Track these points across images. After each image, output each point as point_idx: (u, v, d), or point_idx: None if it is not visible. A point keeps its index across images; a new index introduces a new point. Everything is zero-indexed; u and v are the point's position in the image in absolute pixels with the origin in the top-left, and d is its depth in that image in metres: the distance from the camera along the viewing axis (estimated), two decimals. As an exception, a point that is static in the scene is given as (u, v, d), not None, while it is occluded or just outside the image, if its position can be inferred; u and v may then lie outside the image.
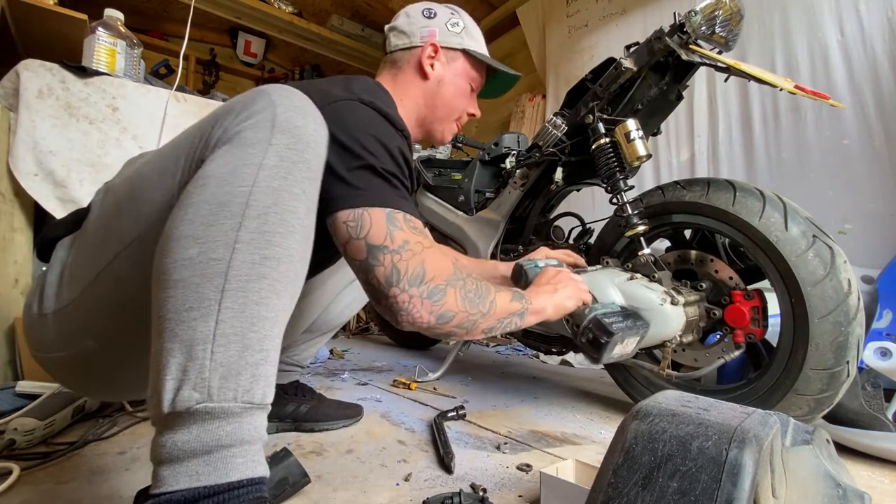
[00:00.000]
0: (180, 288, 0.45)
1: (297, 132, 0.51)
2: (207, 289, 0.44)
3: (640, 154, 1.17)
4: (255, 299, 0.46)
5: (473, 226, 1.67)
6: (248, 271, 0.45)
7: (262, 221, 0.47)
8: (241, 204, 0.46)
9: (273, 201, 0.48)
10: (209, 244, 0.45)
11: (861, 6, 1.69)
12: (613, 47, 2.45)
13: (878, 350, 1.20)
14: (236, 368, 0.44)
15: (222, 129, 0.51)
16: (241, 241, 0.46)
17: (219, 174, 0.48)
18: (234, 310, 0.45)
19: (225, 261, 0.45)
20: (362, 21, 3.67)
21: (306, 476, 0.76)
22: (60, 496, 0.72)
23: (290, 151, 0.50)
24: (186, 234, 0.46)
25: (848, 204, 1.66)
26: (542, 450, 1.01)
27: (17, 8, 1.52)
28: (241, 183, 0.47)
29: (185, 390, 0.43)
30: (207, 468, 0.43)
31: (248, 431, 0.45)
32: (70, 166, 1.40)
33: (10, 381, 1.22)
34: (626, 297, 1.09)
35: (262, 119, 0.50)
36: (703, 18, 1.09)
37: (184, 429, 0.43)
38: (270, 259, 0.47)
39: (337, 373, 1.70)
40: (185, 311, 0.44)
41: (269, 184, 0.48)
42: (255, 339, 0.45)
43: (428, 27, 0.95)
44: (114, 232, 0.58)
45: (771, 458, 0.45)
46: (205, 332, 0.44)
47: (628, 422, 0.49)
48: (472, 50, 0.97)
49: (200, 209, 0.46)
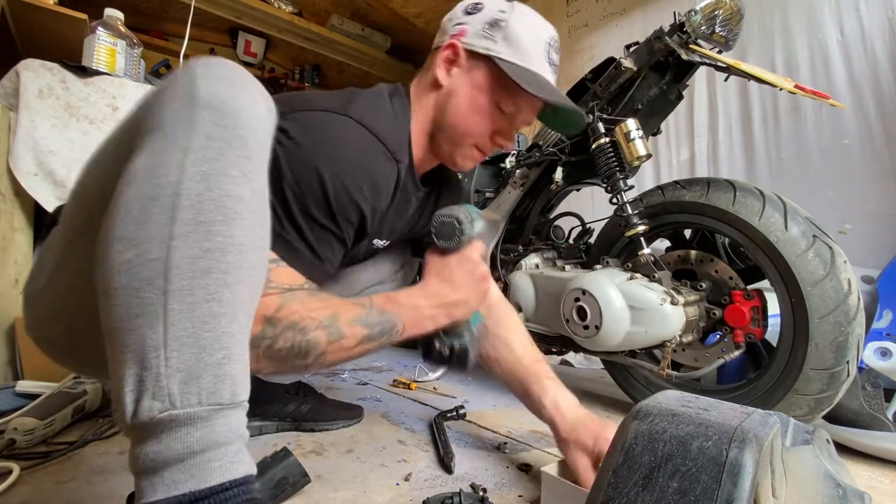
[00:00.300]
0: (122, 295, 0.42)
1: (224, 106, 0.45)
2: (149, 292, 0.41)
3: (640, 154, 1.17)
4: (203, 296, 0.42)
5: (473, 226, 1.67)
6: (190, 267, 0.42)
7: (196, 211, 0.42)
8: (170, 195, 0.42)
9: (205, 187, 0.43)
10: (144, 245, 0.42)
11: (861, 6, 1.69)
12: (613, 47, 2.45)
13: (878, 350, 1.20)
14: (195, 371, 0.42)
15: (150, 113, 0.46)
16: (176, 237, 0.42)
17: (144, 167, 0.44)
18: (182, 311, 0.42)
19: (162, 260, 0.41)
20: (362, 21, 3.67)
21: (306, 476, 0.76)
22: (60, 496, 0.72)
23: (219, 129, 0.45)
24: (119, 237, 0.42)
25: (848, 204, 1.66)
26: (542, 450, 1.01)
27: (17, 8, 1.52)
28: (168, 173, 0.43)
29: (144, 401, 0.41)
30: (184, 475, 0.41)
31: (221, 433, 0.43)
32: (70, 166, 1.39)
33: (10, 381, 1.22)
34: (626, 297, 1.09)
35: (183, 95, 0.45)
36: (703, 18, 1.09)
37: (153, 439, 0.41)
38: (213, 251, 0.43)
39: (337, 373, 1.70)
40: (130, 319, 0.41)
41: (198, 168, 0.43)
42: (211, 337, 0.43)
43: (461, 24, 0.79)
44: (68, 222, 0.57)
45: (771, 458, 0.45)
46: (154, 338, 0.41)
47: (628, 422, 0.49)
48: (500, 58, 0.76)
49: (130, 207, 0.43)
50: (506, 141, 0.84)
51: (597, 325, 1.11)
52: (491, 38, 0.77)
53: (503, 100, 0.79)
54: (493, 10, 0.78)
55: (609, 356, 1.28)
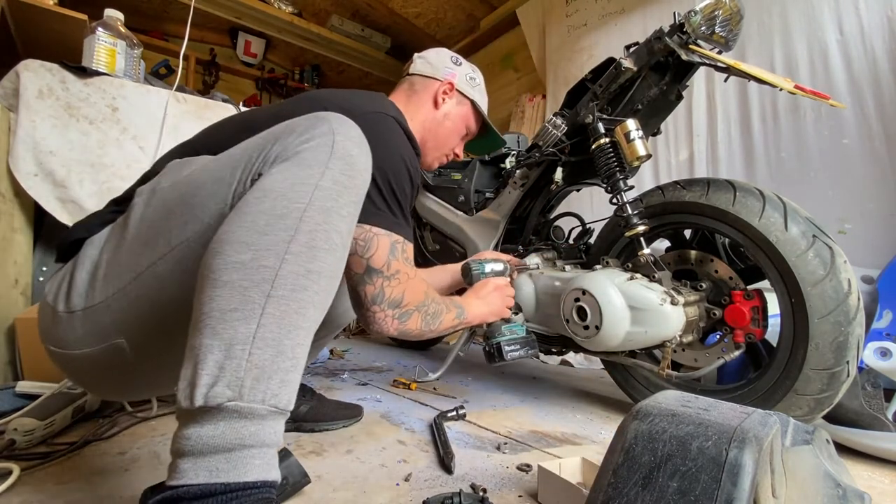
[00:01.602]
0: (228, 289, 0.47)
1: (352, 160, 0.56)
2: (254, 293, 0.47)
3: (639, 154, 1.17)
4: (295, 308, 0.48)
5: (473, 226, 1.67)
6: (294, 282, 0.49)
7: (311, 237, 0.50)
8: (296, 218, 0.50)
9: (324, 220, 0.52)
10: (262, 252, 0.48)
11: (861, 6, 1.69)
12: (613, 47, 2.45)
13: (878, 350, 1.20)
14: (269, 372, 0.46)
15: (282, 146, 0.55)
16: (291, 253, 0.49)
17: (278, 189, 0.51)
18: (276, 316, 0.47)
19: (274, 269, 0.48)
20: (362, 21, 3.67)
21: (306, 476, 0.76)
22: (60, 496, 0.72)
23: (344, 177, 0.54)
24: (241, 240, 0.48)
25: (848, 204, 1.66)
26: (542, 450, 1.01)
27: (17, 8, 1.52)
28: (299, 199, 0.51)
29: (219, 386, 0.45)
30: (227, 465, 0.44)
31: (269, 435, 0.47)
32: (70, 166, 1.40)
33: (10, 381, 1.22)
34: (625, 298, 1.09)
35: (323, 143, 0.54)
36: (702, 18, 1.09)
37: (211, 424, 0.44)
38: (314, 273, 0.50)
39: (337, 373, 1.70)
40: (229, 312, 0.46)
41: (322, 203, 0.52)
42: (289, 346, 0.48)
43: (452, 70, 1.10)
44: (162, 233, 0.59)
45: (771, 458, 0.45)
46: (246, 333, 0.46)
47: (628, 422, 0.49)
48: (478, 104, 1.12)
49: (258, 218, 0.49)
50: (459, 154, 1.18)
51: (597, 325, 1.11)
52: (473, 87, 1.12)
53: (469, 129, 1.15)
54: (468, 67, 1.13)
55: (609, 356, 1.28)
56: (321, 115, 0.58)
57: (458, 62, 1.12)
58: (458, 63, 1.12)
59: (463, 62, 1.13)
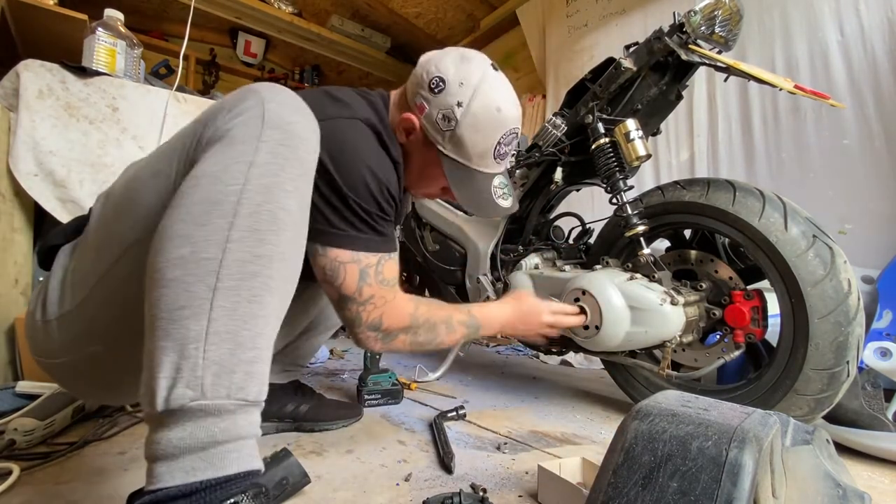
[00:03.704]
0: (172, 287, 0.45)
1: (289, 128, 0.51)
2: (199, 288, 0.44)
3: (639, 154, 1.17)
4: (247, 297, 0.46)
5: (473, 226, 1.67)
6: (240, 269, 0.45)
7: (254, 220, 0.46)
8: (232, 202, 0.46)
9: (264, 199, 0.47)
10: (201, 243, 0.45)
11: (861, 6, 1.69)
12: (613, 47, 2.45)
13: (878, 350, 1.20)
14: (229, 366, 0.44)
15: (213, 128, 0.51)
16: (232, 240, 0.45)
17: (210, 173, 0.48)
18: (227, 308, 0.45)
19: (217, 259, 0.45)
20: (362, 21, 3.67)
21: (306, 476, 0.76)
22: (60, 496, 0.72)
23: (282, 147, 0.50)
24: (179, 234, 0.46)
25: (848, 204, 1.66)
26: (542, 450, 1.01)
27: (17, 8, 1.52)
28: (233, 181, 0.47)
29: (178, 388, 0.43)
30: (203, 463, 0.43)
31: (242, 427, 0.46)
32: (70, 166, 1.39)
33: (10, 381, 1.22)
34: (625, 298, 1.09)
35: (253, 116, 0.50)
36: (702, 18, 1.09)
37: (178, 426, 0.43)
38: (262, 257, 0.47)
39: (337, 373, 1.70)
40: (177, 310, 0.44)
41: (260, 181, 0.47)
42: (247, 336, 0.46)
43: (423, 99, 0.81)
44: (114, 236, 0.58)
45: (771, 458, 0.45)
46: (197, 330, 0.44)
47: (628, 422, 0.49)
48: (444, 154, 0.83)
49: (192, 209, 0.46)
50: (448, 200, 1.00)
51: (597, 325, 1.11)
52: (441, 132, 0.81)
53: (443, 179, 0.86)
54: (451, 100, 0.80)
55: (609, 356, 1.28)
56: (251, 87, 0.54)
57: (438, 87, 0.80)
58: (437, 89, 0.80)
59: (450, 88, 0.80)
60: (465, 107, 0.80)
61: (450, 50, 0.86)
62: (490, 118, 0.81)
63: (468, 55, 0.83)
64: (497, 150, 0.84)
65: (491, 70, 0.83)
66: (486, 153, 0.83)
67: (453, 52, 0.85)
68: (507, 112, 0.82)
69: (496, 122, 0.82)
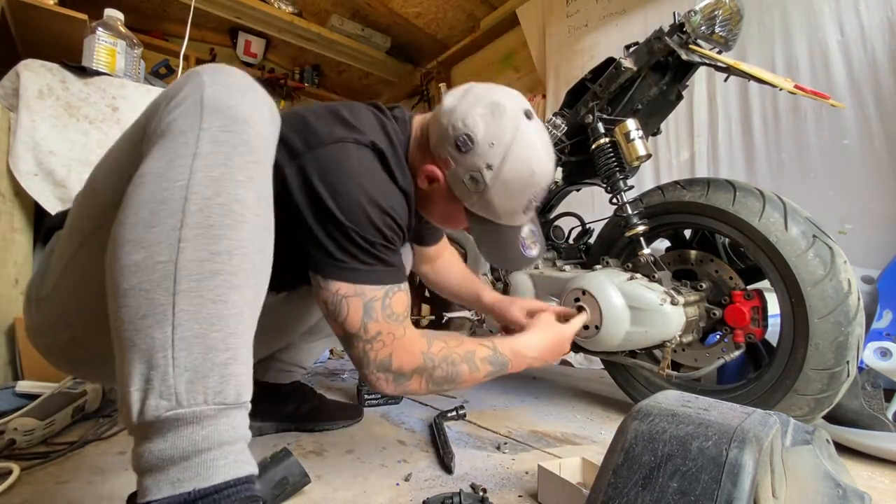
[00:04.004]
0: (131, 296, 0.43)
1: (231, 112, 0.47)
2: (158, 293, 0.42)
3: (639, 154, 1.17)
4: (210, 297, 0.44)
5: (473, 226, 1.67)
6: (198, 269, 0.43)
7: (205, 216, 0.44)
8: (179, 199, 0.43)
9: (214, 192, 0.44)
10: (153, 247, 0.43)
11: (861, 6, 1.69)
12: (613, 47, 2.45)
13: (878, 350, 1.20)
14: (202, 371, 0.43)
15: (156, 120, 0.48)
16: (185, 240, 0.43)
17: (154, 170, 0.45)
18: (190, 311, 0.43)
19: (172, 262, 0.43)
20: (362, 21, 3.67)
21: (306, 476, 0.76)
22: (60, 496, 0.72)
23: (227, 134, 0.46)
24: (129, 239, 0.43)
25: (848, 204, 1.66)
26: (542, 450, 1.01)
27: (17, 8, 1.52)
28: (177, 177, 0.44)
29: (151, 399, 0.41)
30: (189, 473, 0.42)
31: (225, 432, 0.44)
32: (70, 166, 1.39)
33: (10, 381, 1.22)
34: (625, 298, 1.09)
35: (192, 103, 0.47)
36: (702, 18, 1.09)
37: (158, 437, 0.42)
38: (221, 253, 0.44)
39: (337, 373, 1.70)
40: (139, 320, 0.42)
41: (206, 174, 0.44)
42: (218, 338, 0.44)
43: (449, 155, 0.75)
44: (76, 225, 0.58)
45: (771, 458, 0.45)
46: (162, 338, 0.42)
47: (628, 422, 0.49)
48: (471, 212, 0.80)
49: (140, 210, 0.44)
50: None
51: (597, 325, 1.11)
52: (468, 192, 0.77)
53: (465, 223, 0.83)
54: (479, 162, 0.74)
55: (609, 356, 1.28)
56: (192, 71, 0.50)
57: (466, 146, 0.73)
58: (465, 148, 0.73)
59: (477, 146, 0.73)
60: (496, 170, 0.74)
61: (481, 96, 0.76)
62: (522, 181, 0.75)
63: (500, 105, 0.75)
64: (527, 206, 0.80)
65: (524, 122, 0.75)
66: (516, 212, 0.80)
67: (485, 99, 0.75)
68: (541, 172, 0.77)
69: (528, 185, 0.76)
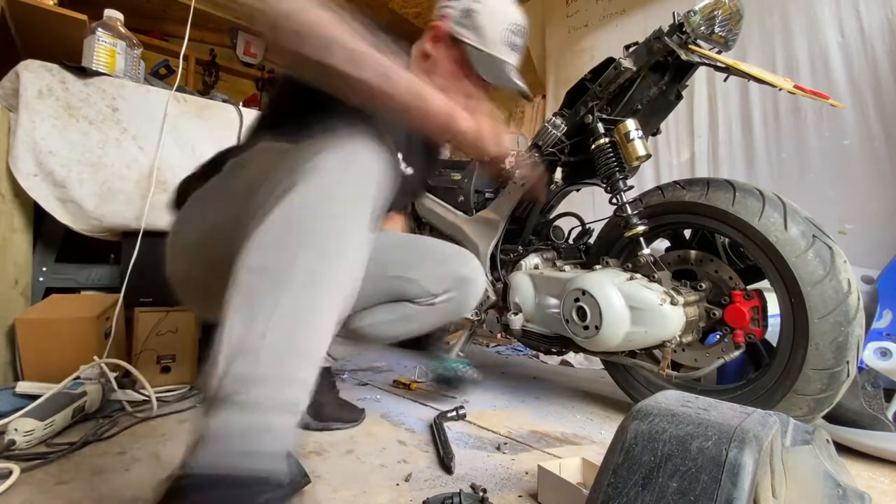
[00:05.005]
0: (244, 290, 0.50)
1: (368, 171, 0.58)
2: (266, 294, 0.50)
3: (639, 154, 1.17)
4: (308, 307, 0.51)
5: (473, 226, 1.67)
6: (305, 280, 0.51)
7: (324, 243, 0.53)
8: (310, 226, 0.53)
9: (338, 227, 0.54)
10: (275, 257, 0.51)
11: (861, 7, 1.69)
12: (613, 47, 2.45)
13: (878, 350, 1.20)
14: (282, 373, 0.48)
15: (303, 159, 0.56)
16: (300, 258, 0.51)
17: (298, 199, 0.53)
18: (288, 316, 0.50)
19: (287, 273, 0.51)
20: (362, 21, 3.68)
21: (306, 476, 0.75)
22: (60, 496, 0.72)
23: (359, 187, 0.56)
24: (258, 245, 0.52)
25: (848, 204, 1.66)
26: (542, 450, 1.01)
27: (17, 8, 1.52)
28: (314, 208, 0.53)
29: (231, 381, 0.46)
30: (240, 458, 0.45)
31: (280, 430, 0.48)
32: (70, 166, 1.39)
33: (11, 381, 1.22)
34: (625, 298, 1.09)
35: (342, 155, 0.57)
36: (702, 18, 1.09)
37: (228, 413, 0.46)
38: (327, 276, 0.52)
39: (337, 373, 1.69)
40: (245, 310, 0.49)
41: (332, 210, 0.54)
42: (303, 346, 0.50)
43: (447, 7, 0.97)
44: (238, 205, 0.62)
45: (771, 458, 0.45)
46: (257, 332, 0.48)
47: (628, 422, 0.49)
48: (468, 43, 0.94)
49: (272, 228, 0.53)
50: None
51: (597, 325, 1.11)
52: (463, 25, 0.95)
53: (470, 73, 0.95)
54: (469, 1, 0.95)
55: (609, 356, 1.28)
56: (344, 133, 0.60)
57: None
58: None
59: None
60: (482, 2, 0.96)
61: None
62: (502, 9, 0.98)
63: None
64: (508, 38, 0.97)
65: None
66: (502, 41, 0.97)
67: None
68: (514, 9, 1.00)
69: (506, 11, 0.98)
